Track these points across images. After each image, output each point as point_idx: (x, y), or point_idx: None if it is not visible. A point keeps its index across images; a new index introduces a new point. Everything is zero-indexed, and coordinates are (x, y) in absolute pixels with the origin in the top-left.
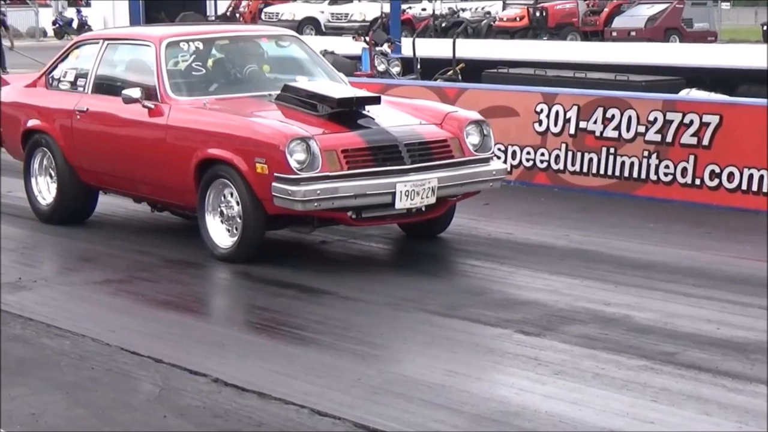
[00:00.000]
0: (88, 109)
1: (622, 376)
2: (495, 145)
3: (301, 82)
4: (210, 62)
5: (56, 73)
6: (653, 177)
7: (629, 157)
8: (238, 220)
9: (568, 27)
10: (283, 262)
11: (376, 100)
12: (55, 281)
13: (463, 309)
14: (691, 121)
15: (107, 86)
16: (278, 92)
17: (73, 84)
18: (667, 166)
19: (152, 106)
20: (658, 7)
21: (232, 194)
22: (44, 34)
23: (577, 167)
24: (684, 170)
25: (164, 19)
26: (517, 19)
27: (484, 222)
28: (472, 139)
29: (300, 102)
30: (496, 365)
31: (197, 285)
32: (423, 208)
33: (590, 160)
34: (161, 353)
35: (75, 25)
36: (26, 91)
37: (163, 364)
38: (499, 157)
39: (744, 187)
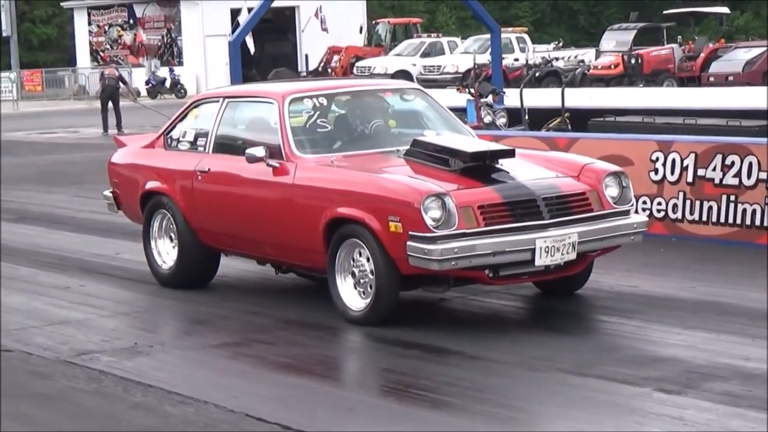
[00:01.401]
0: (209, 169)
1: None
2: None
3: (430, 137)
4: (333, 118)
5: (175, 133)
6: None
7: (750, 204)
8: (371, 280)
9: (664, 73)
10: (406, 322)
11: (510, 153)
12: (171, 345)
13: (597, 367)
14: None
15: (229, 145)
16: (406, 148)
17: (193, 144)
18: None
19: (277, 165)
20: (756, 51)
21: (363, 254)
22: (138, 93)
23: (696, 216)
24: None
25: (256, 77)
26: (612, 66)
27: (605, 275)
28: (611, 191)
29: (430, 157)
30: (640, 426)
31: (316, 347)
32: (562, 264)
33: (710, 208)
34: (289, 419)
35: (168, 84)
36: (144, 152)
37: (293, 430)
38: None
39: None
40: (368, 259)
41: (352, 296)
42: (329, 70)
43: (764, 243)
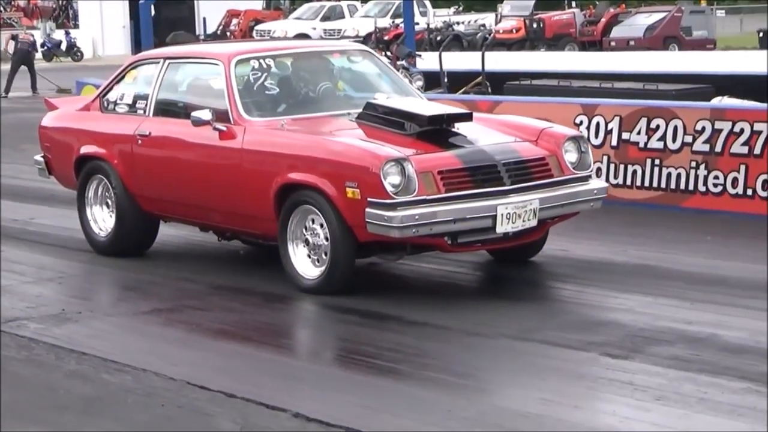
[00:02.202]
0: (150, 133)
1: (728, 400)
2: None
3: (383, 100)
4: (279, 80)
5: (111, 96)
6: (701, 188)
7: (675, 168)
8: (325, 248)
9: (565, 38)
10: (355, 289)
11: (467, 117)
12: (100, 312)
13: (541, 332)
14: (742, 130)
15: (170, 109)
16: (357, 111)
17: (132, 107)
18: (716, 177)
19: (224, 129)
20: (657, 16)
21: (317, 221)
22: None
23: (620, 180)
24: (735, 180)
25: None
26: (514, 31)
27: None
28: (570, 156)
29: (384, 121)
30: (592, 392)
31: (251, 313)
32: (521, 231)
33: (634, 172)
34: (232, 387)
35: (64, 47)
36: (78, 115)
37: (237, 399)
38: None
39: None
40: (322, 226)
41: (305, 264)
42: (228, 34)
43: (690, 206)
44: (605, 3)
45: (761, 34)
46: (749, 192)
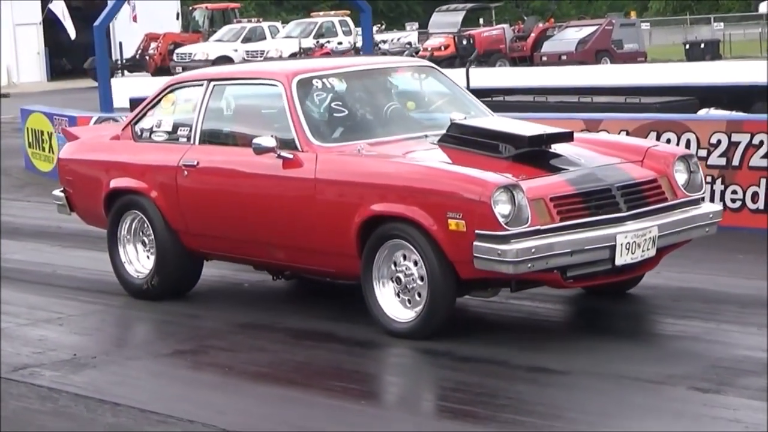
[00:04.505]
0: (198, 163)
1: None
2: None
3: (467, 120)
4: (347, 101)
5: (146, 123)
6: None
7: None
8: (418, 287)
9: (496, 54)
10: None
11: (568, 137)
12: (116, 355)
13: (611, 365)
14: (761, 142)
15: (220, 135)
16: (434, 132)
17: (172, 134)
18: (734, 192)
19: (290, 156)
20: (588, 30)
21: (409, 257)
22: None
23: None
24: (755, 195)
25: (67, 66)
26: (442, 48)
27: None
28: (680, 177)
29: (474, 143)
30: None
31: (283, 351)
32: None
33: None
34: None
35: None
36: (107, 145)
37: None
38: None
39: None
40: (416, 263)
41: (394, 306)
42: (147, 58)
43: None
44: (534, 18)
45: (687, 47)
46: None
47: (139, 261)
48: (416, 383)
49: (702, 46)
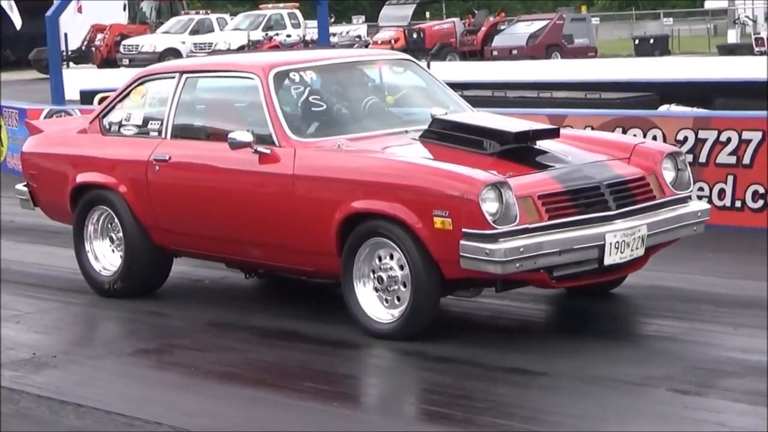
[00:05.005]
0: (170, 157)
1: None
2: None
3: (449, 115)
4: (324, 95)
5: (114, 116)
6: None
7: None
8: (401, 287)
9: (446, 48)
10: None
11: (554, 133)
12: (78, 355)
13: (594, 367)
14: (729, 139)
15: (193, 129)
16: (414, 128)
17: (142, 128)
18: (701, 189)
19: (267, 152)
20: (538, 24)
21: (391, 255)
22: None
23: None
24: (721, 192)
25: (11, 57)
26: (392, 42)
27: None
28: (667, 175)
29: (456, 139)
30: None
31: (252, 351)
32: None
33: None
34: None
35: None
36: (73, 139)
37: None
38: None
39: None
40: (399, 262)
41: (376, 306)
42: (93, 49)
43: None
44: (484, 12)
45: (636, 42)
46: (738, 204)
47: (106, 258)
48: (391, 384)
49: (651, 41)
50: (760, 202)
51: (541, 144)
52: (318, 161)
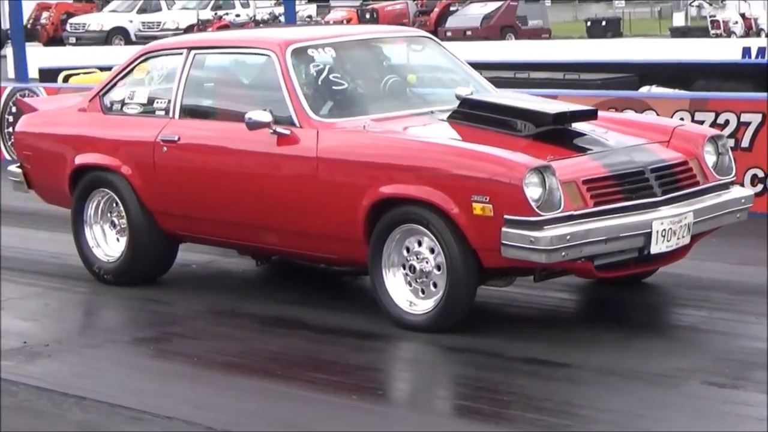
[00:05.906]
0: (179, 138)
1: None
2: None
3: (482, 95)
4: (344, 73)
5: (116, 94)
6: None
7: None
8: (434, 276)
9: None
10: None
11: (592, 114)
12: (73, 343)
13: (621, 361)
14: (727, 121)
15: (203, 109)
16: (440, 108)
17: (147, 107)
18: None
19: (287, 132)
20: (492, 6)
21: (424, 243)
22: None
23: None
24: None
25: None
26: (344, 22)
27: None
28: (708, 159)
29: (489, 120)
30: None
31: (254, 339)
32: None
33: None
34: None
35: None
36: (72, 118)
37: None
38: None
39: None
40: (432, 250)
41: (407, 297)
42: (38, 28)
43: None
44: None
45: (588, 24)
46: None
47: (108, 243)
48: (409, 376)
49: (603, 23)
50: (760, 186)
51: (576, 126)
52: (344, 143)
